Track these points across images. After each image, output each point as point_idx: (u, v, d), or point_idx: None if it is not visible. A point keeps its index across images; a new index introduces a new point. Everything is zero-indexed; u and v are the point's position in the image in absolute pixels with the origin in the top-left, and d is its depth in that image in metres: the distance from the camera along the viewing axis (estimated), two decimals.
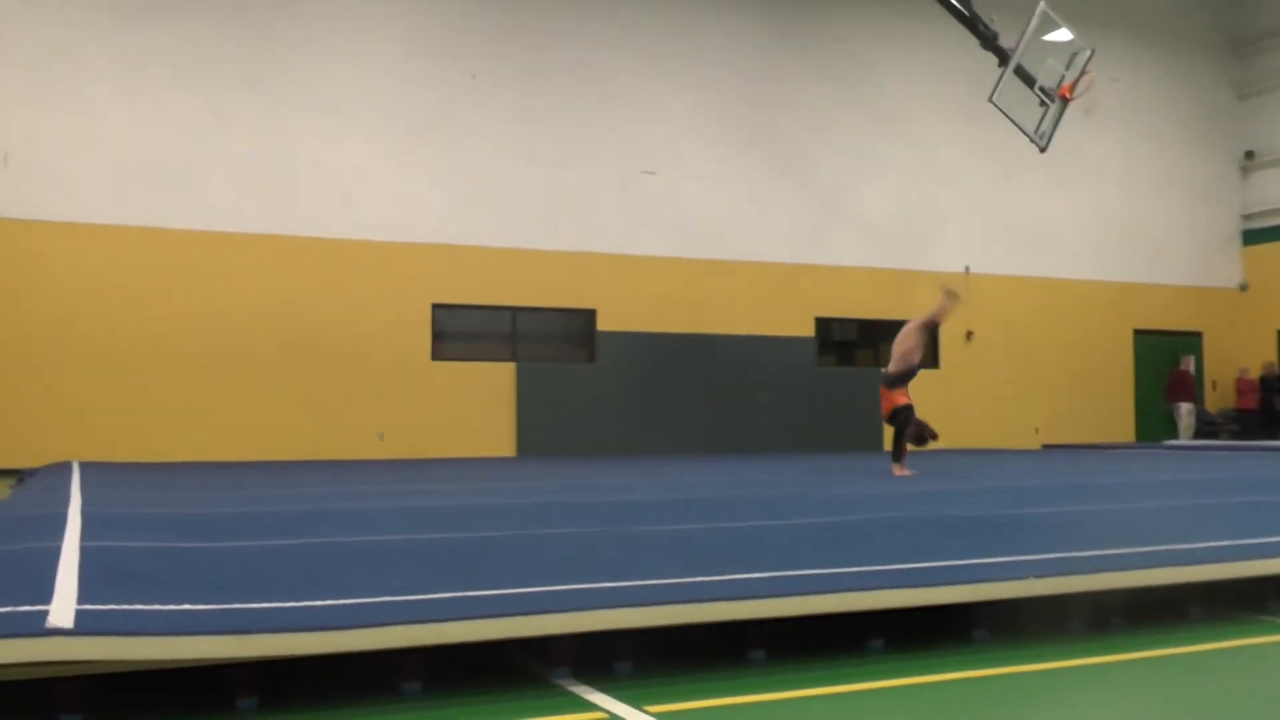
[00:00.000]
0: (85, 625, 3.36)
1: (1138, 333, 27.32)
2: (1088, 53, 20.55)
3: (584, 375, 21.93)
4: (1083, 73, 20.55)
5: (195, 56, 19.89)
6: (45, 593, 3.77)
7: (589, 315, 22.32)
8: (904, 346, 12.96)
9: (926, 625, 4.82)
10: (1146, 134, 27.92)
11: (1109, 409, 27.06)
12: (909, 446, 13.21)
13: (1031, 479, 12.08)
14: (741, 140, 23.60)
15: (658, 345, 22.16)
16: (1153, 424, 27.41)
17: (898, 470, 13.14)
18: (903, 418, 12.87)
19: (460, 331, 21.57)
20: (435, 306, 21.08)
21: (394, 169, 20.90)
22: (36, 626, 3.30)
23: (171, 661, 3.46)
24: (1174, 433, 26.70)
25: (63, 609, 3.52)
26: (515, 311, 21.74)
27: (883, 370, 13.37)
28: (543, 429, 21.43)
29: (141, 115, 19.54)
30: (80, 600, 3.68)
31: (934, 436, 13.07)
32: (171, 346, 19.35)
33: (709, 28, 23.57)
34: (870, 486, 10.50)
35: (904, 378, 12.95)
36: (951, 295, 13.62)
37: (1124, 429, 27.15)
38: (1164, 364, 27.40)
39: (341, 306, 20.31)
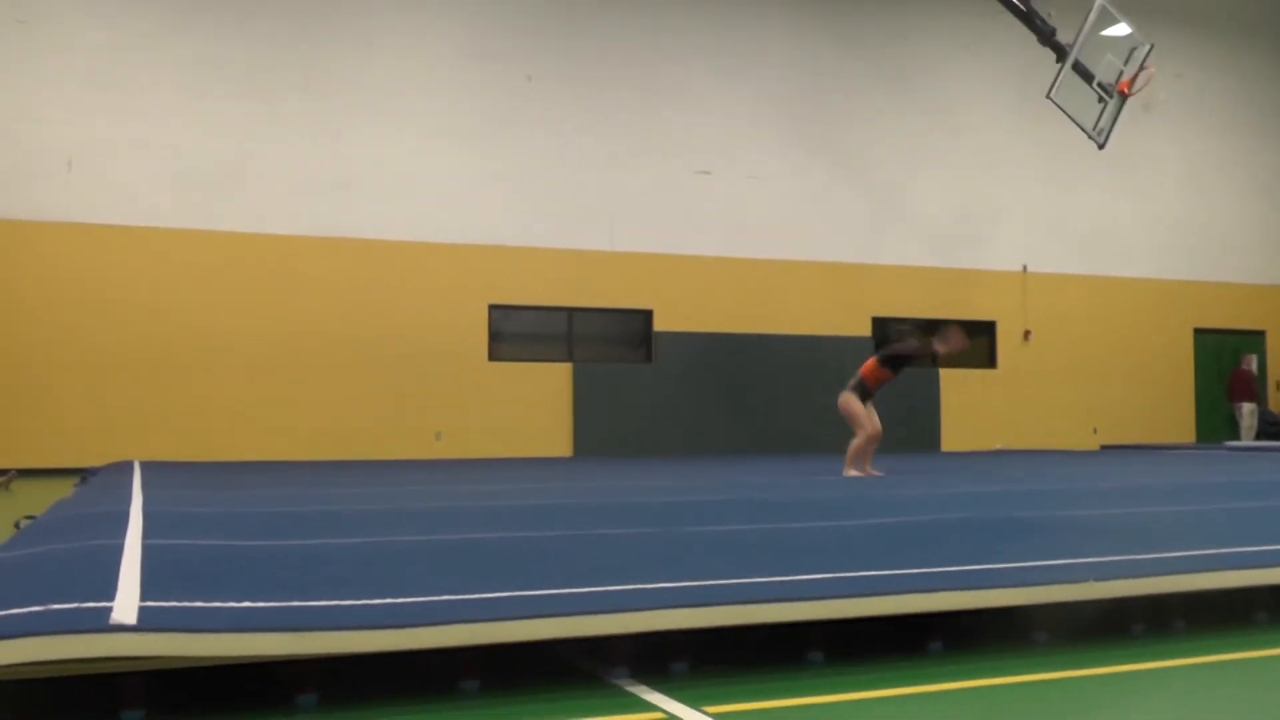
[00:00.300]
0: (148, 621, 3.39)
1: (1198, 331, 27.00)
2: (1147, 47, 20.33)
3: (640, 376, 21.94)
4: (1141, 67, 20.34)
5: (252, 62, 20.08)
6: (109, 589, 3.80)
7: (645, 316, 22.34)
8: (872, 372, 14.02)
9: (986, 628, 4.79)
10: (1207, 129, 27.58)
11: (1169, 409, 26.76)
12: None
13: (1090, 480, 11.97)
14: (798, 139, 23.53)
15: (714, 346, 22.14)
16: (1214, 424, 27.09)
17: (850, 471, 13.96)
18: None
19: (516, 332, 21.65)
20: (492, 307, 21.17)
21: (450, 171, 21.00)
22: (100, 622, 3.33)
23: (232, 658, 3.48)
24: (1235, 433, 26.37)
25: (126, 606, 3.55)
26: (571, 312, 21.79)
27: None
28: (599, 429, 21.47)
29: (200, 120, 19.75)
30: (143, 597, 3.72)
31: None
32: (230, 348, 19.54)
33: (765, 27, 23.52)
34: (927, 488, 10.44)
35: (869, 391, 13.97)
36: (947, 341, 13.70)
37: (1184, 429, 26.84)
38: (1225, 363, 27.08)
39: (398, 308, 20.43)
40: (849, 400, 14.06)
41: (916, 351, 14.68)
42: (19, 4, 19.11)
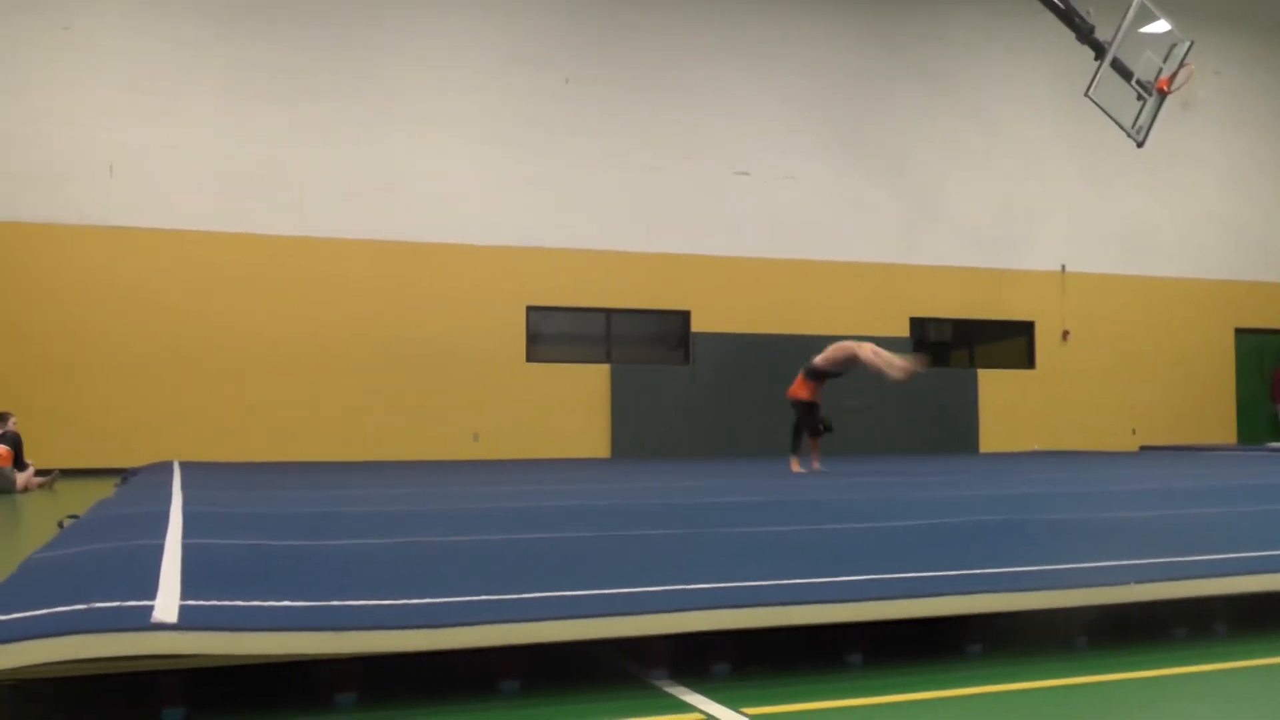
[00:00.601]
0: (188, 620, 3.41)
1: (1239, 331, 26.79)
2: (1186, 45, 20.17)
3: (678, 377, 21.95)
4: (1181, 65, 20.18)
5: (292, 67, 20.21)
6: (150, 588, 3.83)
7: (683, 317, 22.34)
8: (834, 355, 14.08)
9: (1025, 631, 4.76)
10: (1248, 127, 27.35)
11: (1209, 410, 26.55)
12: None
13: (1131, 481, 11.89)
14: (836, 140, 23.49)
15: (752, 346, 22.11)
16: (1255, 425, 26.88)
17: (795, 466, 14.27)
18: (801, 412, 14.08)
19: (554, 334, 21.70)
20: (529, 309, 21.21)
21: (487, 173, 21.07)
22: (142, 621, 3.35)
23: (271, 656, 3.50)
24: (1278, 434, 26.13)
25: (167, 604, 3.58)
26: (609, 313, 21.81)
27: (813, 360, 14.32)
28: (637, 431, 21.48)
29: (240, 125, 19.90)
30: (183, 596, 3.74)
31: (828, 429, 14.27)
32: (269, 350, 19.67)
33: (803, 28, 23.50)
34: (967, 489, 10.39)
35: (823, 375, 14.17)
36: (898, 368, 13.91)
37: (1225, 430, 26.63)
38: (1268, 364, 26.85)
39: (436, 309, 20.52)
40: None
41: (840, 367, 14.45)
42: (64, 12, 19.29)
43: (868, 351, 13.91)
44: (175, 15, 19.86)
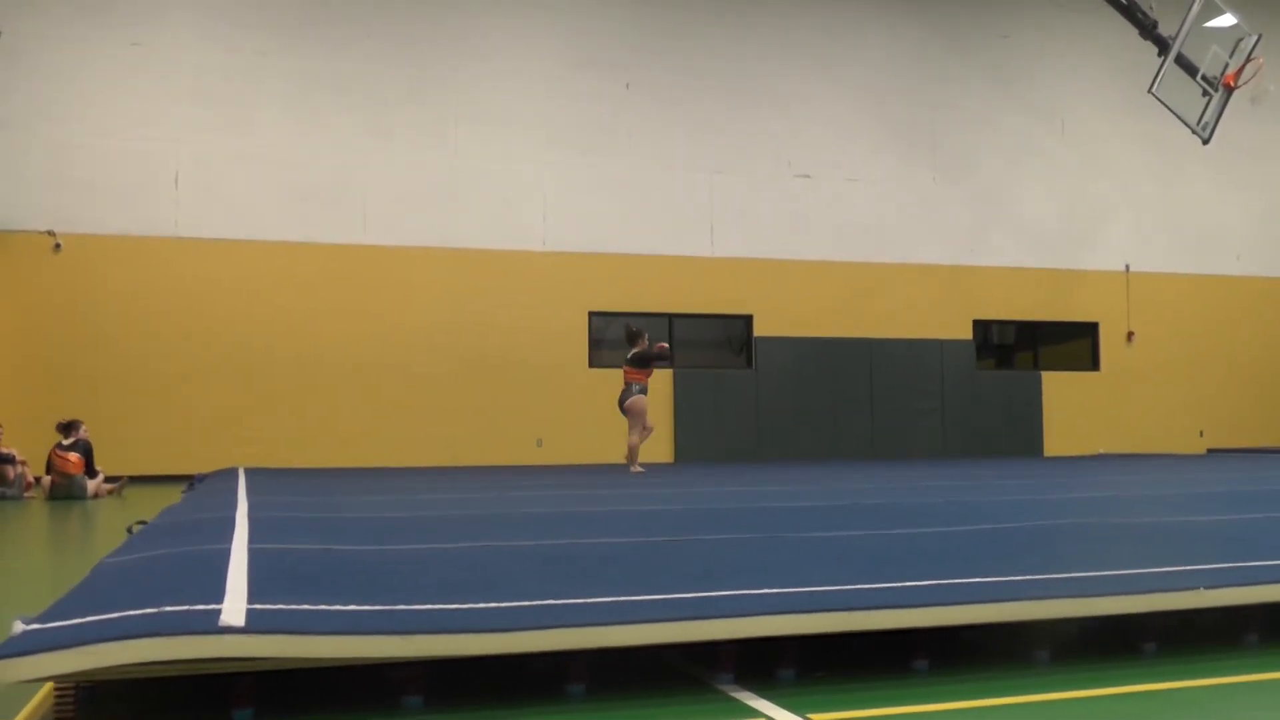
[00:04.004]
0: (256, 624, 3.44)
1: None
2: (1254, 38, 19.91)
3: (741, 381, 21.93)
4: (1249, 59, 19.91)
5: (357, 76, 20.41)
6: (217, 592, 3.87)
7: (746, 321, 22.31)
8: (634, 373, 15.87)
9: (1094, 637, 4.71)
10: None
11: (1278, 411, 26.14)
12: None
13: (1199, 485, 11.73)
14: (899, 141, 23.39)
15: (815, 350, 22.05)
16: None
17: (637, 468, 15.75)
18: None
19: (618, 339, 21.71)
20: (592, 314, 21.25)
21: (550, 179, 21.15)
22: (210, 625, 3.39)
23: (338, 659, 3.52)
24: None
25: (234, 608, 3.61)
26: (672, 318, 21.82)
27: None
28: (700, 435, 21.48)
29: (306, 135, 20.11)
30: (251, 600, 3.78)
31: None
32: (334, 356, 19.85)
33: (865, 28, 23.41)
34: (1032, 493, 10.29)
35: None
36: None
37: None
38: None
39: (499, 315, 20.63)
40: (642, 400, 15.86)
41: (655, 353, 16.15)
42: (133, 27, 19.58)
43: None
44: (241, 28, 20.10)
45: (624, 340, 16.48)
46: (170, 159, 19.58)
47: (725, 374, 22.08)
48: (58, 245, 19.02)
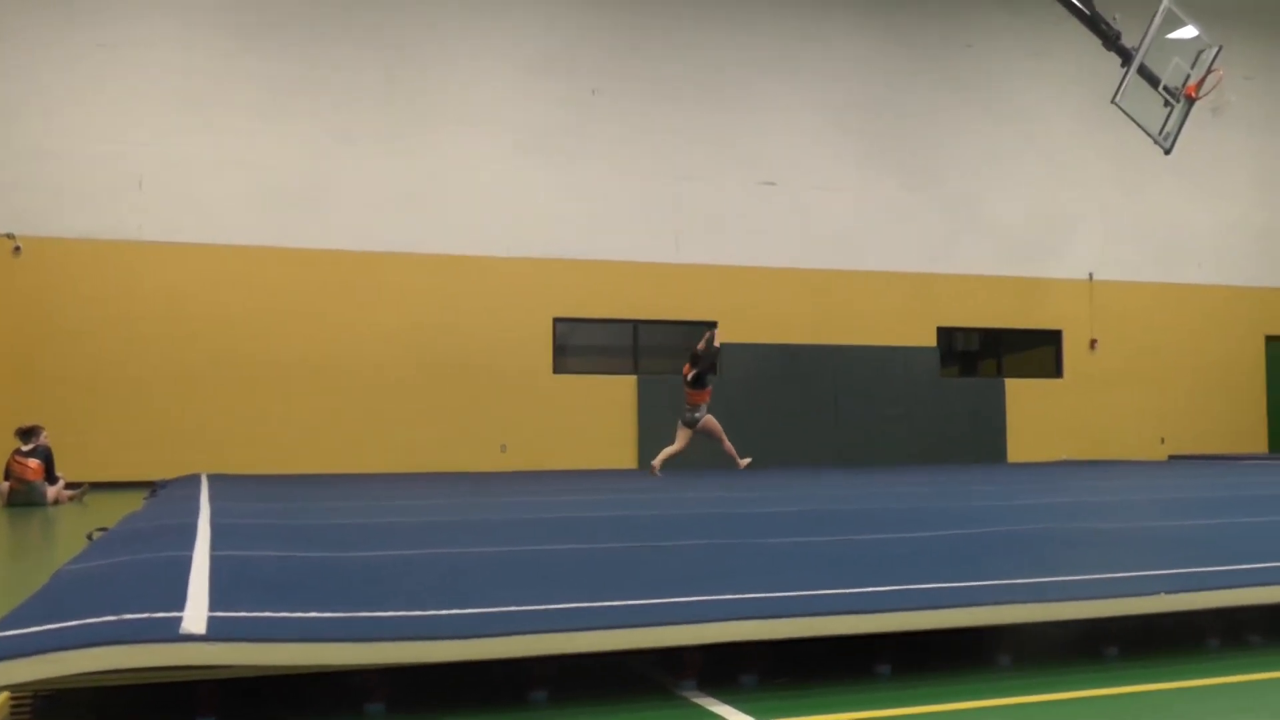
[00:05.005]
0: (217, 631, 3.42)
1: (1270, 339, 26.60)
2: (1215, 50, 20.07)
3: None
4: (1209, 71, 20.08)
5: (324, 80, 20.35)
6: (178, 600, 3.85)
7: (710, 328, 22.31)
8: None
9: (1057, 641, 4.74)
10: None
11: (1239, 418, 26.37)
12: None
13: (1160, 491, 11.82)
14: (865, 149, 23.48)
15: (780, 357, 22.08)
16: None
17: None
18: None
19: (582, 345, 21.72)
20: (556, 320, 21.24)
21: (516, 185, 21.14)
22: (171, 633, 3.37)
23: (300, 667, 3.51)
24: None
25: (195, 616, 3.59)
26: (636, 324, 21.82)
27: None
28: (664, 441, 21.39)
29: (274, 138, 20.04)
30: (212, 607, 3.76)
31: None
32: (299, 361, 19.77)
33: (832, 36, 23.49)
34: (995, 499, 10.35)
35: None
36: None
37: (1255, 439, 26.45)
38: None
39: (464, 321, 20.58)
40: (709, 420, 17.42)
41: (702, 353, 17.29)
42: (99, 29, 19.44)
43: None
44: (207, 30, 20.00)
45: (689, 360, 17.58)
46: (136, 162, 19.45)
47: None
48: (17, 248, 18.87)
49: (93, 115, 19.37)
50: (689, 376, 17.17)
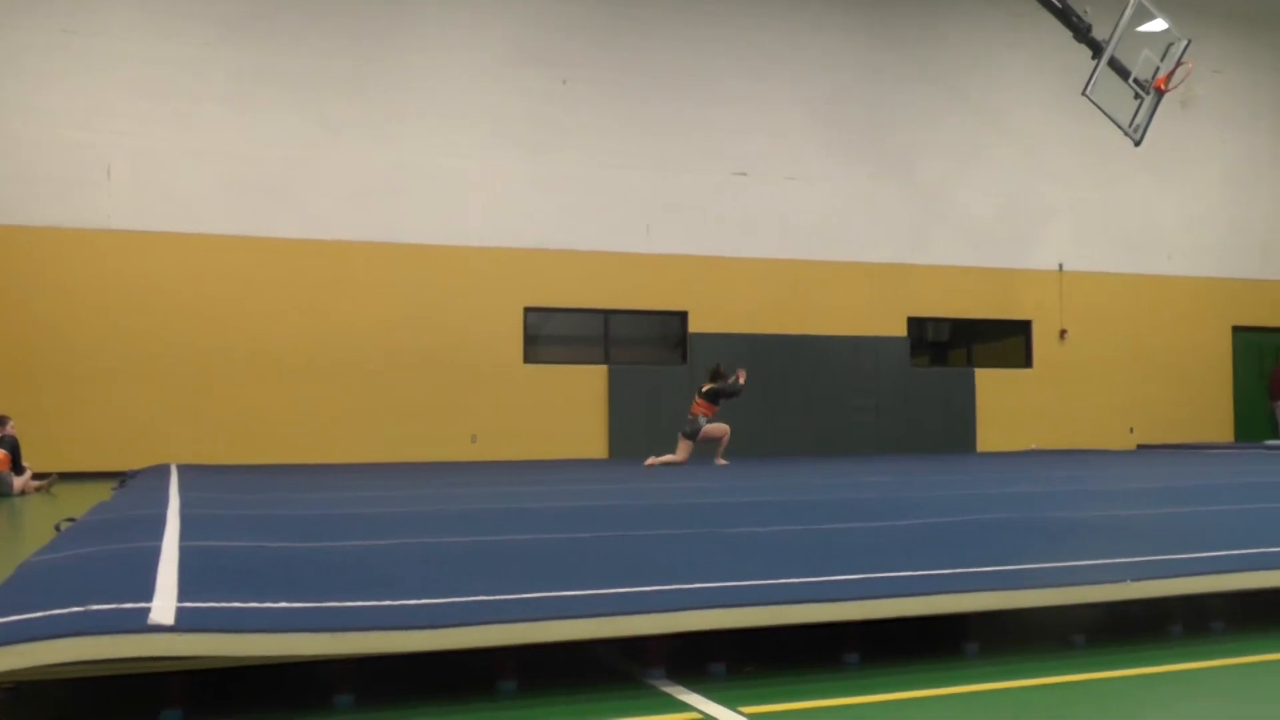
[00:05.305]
0: (185, 622, 3.41)
1: (1237, 329, 26.78)
2: (1184, 43, 20.20)
3: (676, 377, 21.93)
4: (1179, 64, 20.20)
5: (299, 69, 20.24)
6: (146, 591, 3.84)
7: (681, 317, 22.33)
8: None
9: (1022, 629, 4.77)
10: (1248, 126, 27.34)
11: (1207, 408, 26.54)
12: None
13: (1128, 480, 11.90)
14: (837, 140, 23.49)
15: (750, 347, 22.08)
16: (1253, 424, 26.86)
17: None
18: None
19: (552, 335, 21.69)
20: (528, 310, 21.21)
21: (488, 174, 21.09)
22: (139, 623, 3.36)
23: (268, 658, 3.50)
24: (1275, 432, 26.15)
25: (164, 606, 3.58)
26: (607, 314, 21.81)
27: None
28: (635, 431, 21.46)
29: (247, 128, 19.91)
30: (180, 598, 3.75)
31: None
32: (271, 352, 19.68)
33: (804, 28, 23.48)
34: (964, 489, 10.39)
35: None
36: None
37: (1223, 429, 26.63)
38: (1265, 362, 26.85)
39: (435, 311, 20.53)
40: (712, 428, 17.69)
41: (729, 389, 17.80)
42: (67, 15, 19.27)
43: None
44: (178, 17, 19.83)
45: (707, 375, 18.14)
46: (106, 150, 19.29)
47: (660, 370, 22.09)
48: None
49: (61, 103, 19.21)
50: (704, 390, 17.61)
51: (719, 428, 17.64)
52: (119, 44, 19.53)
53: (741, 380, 17.74)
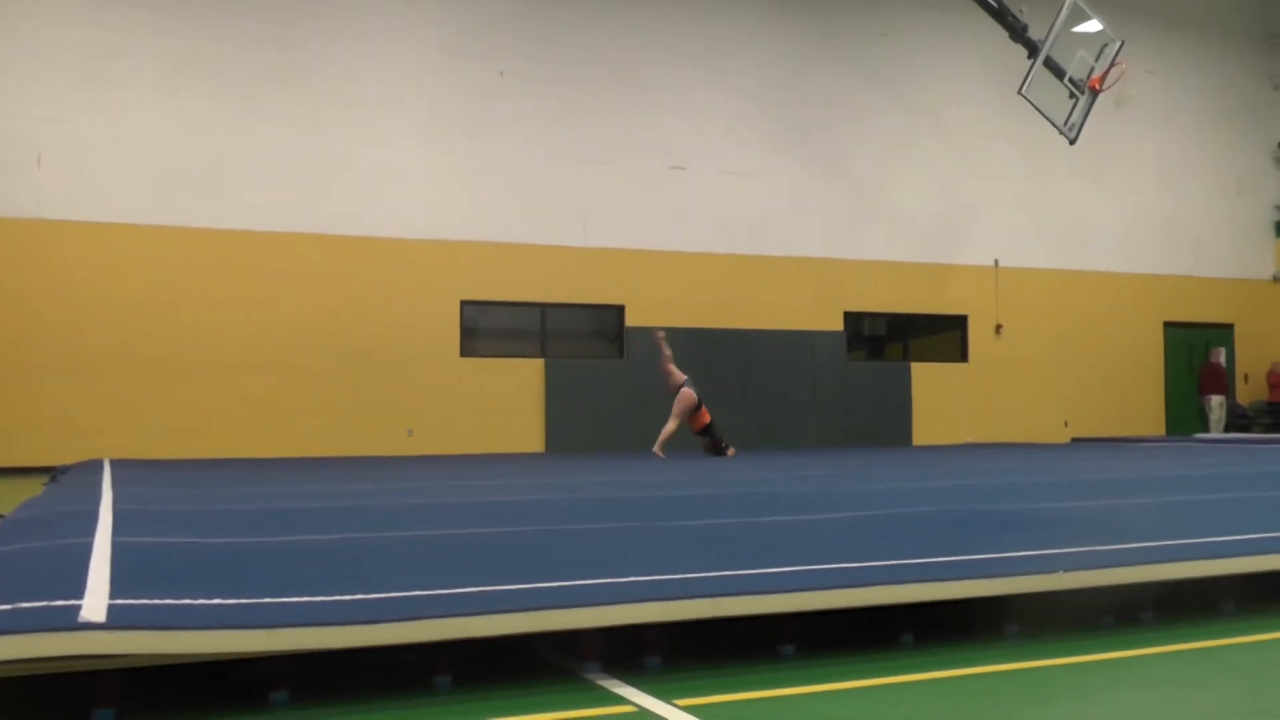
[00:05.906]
0: (117, 619, 3.38)
1: (1168, 325, 27.17)
2: (1118, 44, 20.47)
3: (613, 371, 21.93)
4: (1113, 64, 20.46)
5: (230, 59, 20.01)
6: (78, 588, 3.80)
7: (618, 311, 22.33)
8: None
9: (957, 620, 4.81)
10: (1180, 126, 27.73)
11: (1139, 402, 26.91)
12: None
13: (1062, 472, 12.03)
14: (775, 135, 23.55)
15: (688, 341, 22.04)
16: (1183, 417, 27.26)
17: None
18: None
19: (489, 328, 21.62)
20: (464, 303, 21.12)
21: (424, 166, 20.96)
22: (69, 621, 3.32)
23: (203, 655, 3.48)
24: (1205, 426, 26.54)
25: (95, 604, 3.54)
26: (544, 308, 21.77)
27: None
28: (571, 425, 21.45)
29: (176, 115, 19.67)
30: (113, 595, 3.71)
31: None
32: (202, 344, 19.46)
33: (742, 22, 23.52)
34: (899, 481, 10.48)
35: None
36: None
37: (1154, 422, 27.01)
38: (1195, 356, 27.26)
39: (370, 304, 20.39)
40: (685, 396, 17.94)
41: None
42: None
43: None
44: (108, 5, 19.55)
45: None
46: (32, 137, 18.97)
47: (597, 364, 22.08)
48: None
49: None
50: (697, 400, 18.02)
51: (686, 396, 17.86)
52: (49, 31, 19.23)
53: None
